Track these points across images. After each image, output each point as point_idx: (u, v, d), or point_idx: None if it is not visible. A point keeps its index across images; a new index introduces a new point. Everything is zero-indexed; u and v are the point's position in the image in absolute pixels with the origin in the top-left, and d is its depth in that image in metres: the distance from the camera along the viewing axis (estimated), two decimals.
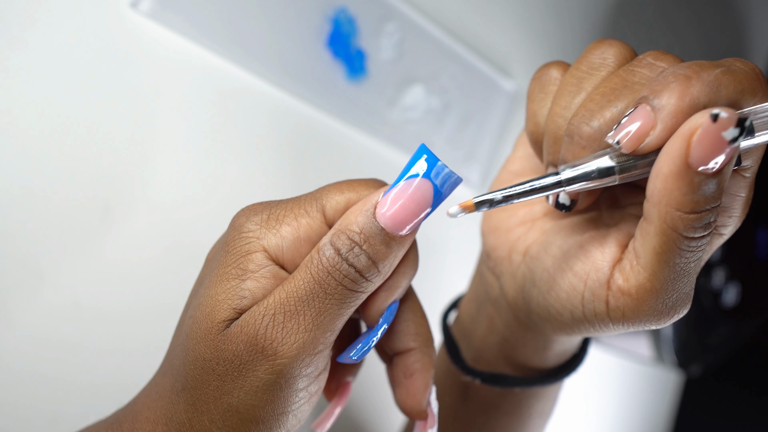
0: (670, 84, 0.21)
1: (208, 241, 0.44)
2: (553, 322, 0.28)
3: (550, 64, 0.28)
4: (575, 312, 0.26)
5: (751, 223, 0.72)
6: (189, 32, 0.42)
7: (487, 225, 0.32)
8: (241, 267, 0.23)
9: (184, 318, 0.25)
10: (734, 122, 0.20)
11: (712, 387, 0.88)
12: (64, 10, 0.38)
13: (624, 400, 0.81)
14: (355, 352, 0.25)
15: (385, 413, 0.54)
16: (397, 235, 0.23)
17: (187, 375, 0.23)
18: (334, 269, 0.22)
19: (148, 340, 0.41)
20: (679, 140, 0.20)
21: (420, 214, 0.22)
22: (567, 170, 0.23)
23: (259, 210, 0.24)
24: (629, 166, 0.23)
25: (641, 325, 0.25)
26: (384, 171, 0.54)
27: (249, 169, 0.46)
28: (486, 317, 0.34)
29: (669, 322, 0.25)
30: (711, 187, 0.21)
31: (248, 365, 0.22)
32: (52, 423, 0.38)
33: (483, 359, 0.34)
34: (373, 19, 0.50)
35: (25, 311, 0.37)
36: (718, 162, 0.20)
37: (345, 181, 0.25)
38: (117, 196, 0.40)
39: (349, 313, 0.23)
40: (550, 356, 0.32)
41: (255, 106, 0.46)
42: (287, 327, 0.22)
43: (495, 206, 0.23)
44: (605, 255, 0.25)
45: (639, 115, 0.22)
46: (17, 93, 0.36)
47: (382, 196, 0.23)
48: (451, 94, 0.57)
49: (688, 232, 0.21)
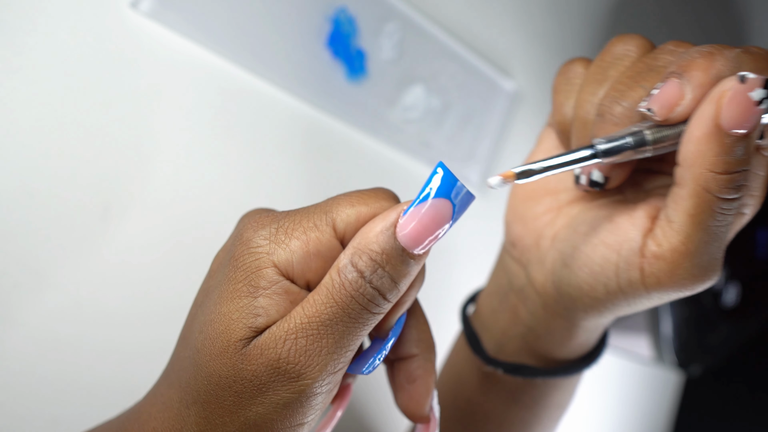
0: (696, 60, 0.23)
1: (208, 242, 0.44)
2: (585, 300, 0.28)
3: (573, 60, 0.29)
4: (609, 284, 0.27)
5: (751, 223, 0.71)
6: (189, 32, 0.42)
7: (511, 215, 0.33)
8: (252, 284, 0.22)
9: (191, 331, 0.24)
10: (761, 83, 0.21)
11: (712, 387, 0.88)
12: (63, 10, 0.38)
13: (624, 400, 0.81)
14: (366, 367, 0.25)
15: (386, 415, 0.54)
16: (415, 253, 0.23)
17: (200, 390, 0.23)
18: (357, 293, 0.22)
19: (148, 341, 0.41)
20: (710, 103, 0.22)
21: (438, 233, 0.22)
22: (603, 143, 0.24)
23: (266, 222, 0.23)
24: (662, 137, 0.24)
25: (675, 290, 0.25)
26: (384, 171, 0.54)
27: (249, 169, 0.46)
28: (509, 308, 0.34)
29: (702, 286, 0.25)
30: (741, 150, 0.22)
31: (269, 385, 0.22)
32: (52, 423, 0.38)
33: (505, 350, 0.34)
34: (373, 19, 0.50)
35: (25, 311, 0.37)
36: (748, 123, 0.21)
37: (354, 193, 0.24)
38: (117, 196, 0.40)
39: (368, 331, 0.23)
40: (573, 346, 0.33)
41: (255, 106, 0.46)
42: (310, 350, 0.22)
43: (533, 177, 0.24)
44: (636, 225, 0.26)
45: (669, 86, 0.23)
46: (17, 93, 0.36)
47: (403, 214, 0.22)
48: (451, 94, 0.57)
49: (721, 192, 0.22)
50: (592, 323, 0.31)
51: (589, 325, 0.31)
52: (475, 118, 0.59)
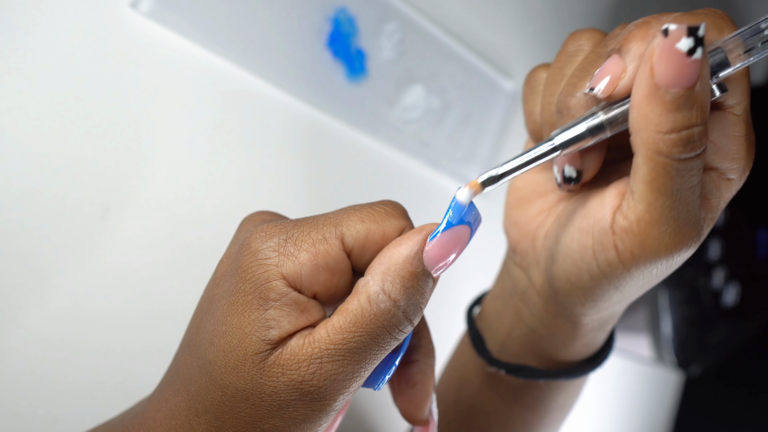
0: (632, 31, 0.23)
1: (208, 241, 0.44)
2: (577, 292, 0.28)
3: (536, 67, 0.29)
4: (591, 270, 0.26)
5: (751, 224, 0.71)
6: (189, 32, 0.42)
7: (508, 221, 0.33)
8: (262, 296, 0.22)
9: (198, 340, 0.24)
10: (685, 32, 0.20)
11: (712, 387, 0.88)
12: (63, 10, 0.38)
13: (624, 400, 0.81)
14: (378, 384, 0.25)
15: (386, 416, 0.54)
16: (435, 276, 0.24)
17: (213, 400, 0.23)
18: (389, 323, 0.23)
19: (148, 340, 0.41)
20: (643, 65, 0.21)
21: (456, 256, 0.23)
22: (559, 134, 0.24)
23: (274, 233, 0.23)
24: (615, 116, 0.24)
25: (652, 261, 0.24)
26: (384, 171, 0.54)
27: (249, 169, 0.46)
28: (513, 310, 0.34)
29: (681, 254, 0.24)
30: (686, 106, 0.21)
31: (289, 403, 0.22)
32: (52, 423, 0.38)
33: (508, 351, 0.34)
34: (373, 19, 0.50)
35: (25, 311, 0.37)
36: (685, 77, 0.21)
37: (365, 208, 0.24)
38: (117, 196, 0.40)
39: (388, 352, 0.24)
40: (577, 347, 0.33)
41: (255, 107, 0.46)
42: (334, 375, 0.22)
43: (499, 182, 0.24)
44: (605, 205, 0.26)
45: (609, 63, 0.23)
46: (17, 93, 0.36)
47: (430, 239, 0.23)
48: (451, 94, 0.57)
49: (673, 153, 0.22)
50: (593, 320, 0.31)
51: (591, 323, 0.31)
52: (475, 118, 0.59)
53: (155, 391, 0.26)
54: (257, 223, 0.25)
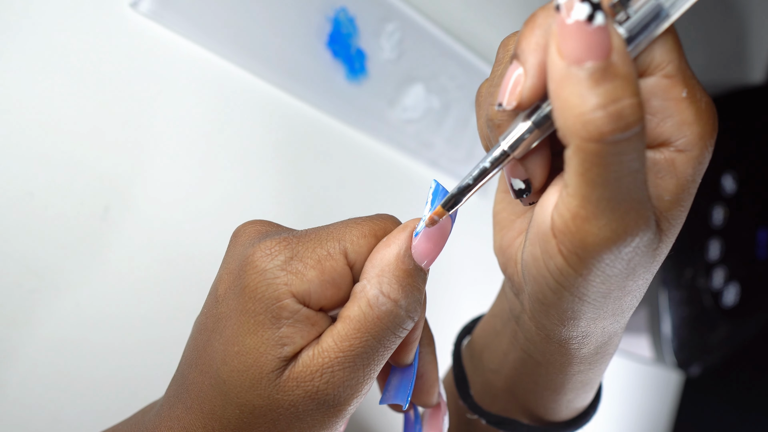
0: (521, 30, 0.21)
1: (208, 242, 0.44)
2: (550, 312, 0.26)
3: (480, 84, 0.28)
4: (549, 283, 0.24)
5: (751, 224, 0.71)
6: (189, 32, 0.42)
7: (495, 248, 0.31)
8: (274, 315, 0.23)
9: (209, 360, 0.24)
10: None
11: (712, 387, 0.88)
12: (63, 10, 0.38)
13: (624, 400, 0.81)
14: (406, 399, 0.27)
15: (386, 416, 0.54)
16: (426, 268, 0.24)
17: (230, 418, 0.23)
18: (393, 323, 0.23)
19: (149, 341, 0.41)
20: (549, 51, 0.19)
21: (443, 245, 0.24)
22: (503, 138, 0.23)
23: (279, 249, 0.23)
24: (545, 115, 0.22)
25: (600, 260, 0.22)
26: (384, 171, 0.54)
27: (248, 169, 0.46)
28: (510, 332, 0.33)
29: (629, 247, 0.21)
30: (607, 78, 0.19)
31: (307, 413, 0.23)
32: (52, 423, 0.38)
33: (502, 373, 0.34)
34: (373, 19, 0.50)
35: (25, 311, 0.37)
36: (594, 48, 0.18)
37: (366, 223, 0.25)
38: (117, 196, 0.40)
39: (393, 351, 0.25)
40: (562, 403, 0.32)
41: (255, 107, 0.46)
42: (347, 381, 0.23)
43: (461, 200, 0.24)
44: (543, 205, 0.23)
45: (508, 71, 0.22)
46: (17, 93, 0.36)
47: (415, 235, 0.24)
48: (451, 94, 0.57)
49: (603, 135, 0.19)
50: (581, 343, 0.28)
51: (580, 347, 0.29)
52: (475, 118, 0.59)
53: (164, 407, 0.26)
54: (254, 236, 0.25)
